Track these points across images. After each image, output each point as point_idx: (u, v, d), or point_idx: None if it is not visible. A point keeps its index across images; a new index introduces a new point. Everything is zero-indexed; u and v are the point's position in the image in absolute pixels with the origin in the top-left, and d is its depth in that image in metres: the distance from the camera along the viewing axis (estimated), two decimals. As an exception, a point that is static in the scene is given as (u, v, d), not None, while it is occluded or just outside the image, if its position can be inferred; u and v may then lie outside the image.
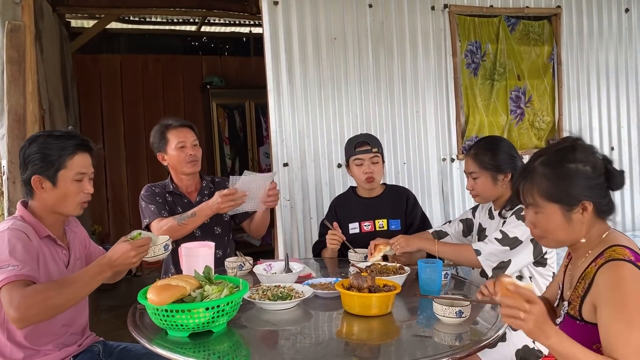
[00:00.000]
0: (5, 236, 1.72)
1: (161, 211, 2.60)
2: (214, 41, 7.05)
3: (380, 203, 2.73)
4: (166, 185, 2.74)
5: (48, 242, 1.88)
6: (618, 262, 1.36)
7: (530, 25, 3.98)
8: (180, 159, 2.66)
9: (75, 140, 1.90)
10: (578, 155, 1.45)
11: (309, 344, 1.58)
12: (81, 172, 1.88)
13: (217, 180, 2.88)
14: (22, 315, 1.57)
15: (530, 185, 1.49)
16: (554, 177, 1.45)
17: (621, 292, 1.32)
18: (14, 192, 2.90)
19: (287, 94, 3.38)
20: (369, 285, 1.80)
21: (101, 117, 6.34)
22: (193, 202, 2.70)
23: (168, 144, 2.68)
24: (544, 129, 4.03)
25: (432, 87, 3.72)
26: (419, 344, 1.62)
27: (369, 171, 2.63)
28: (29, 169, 1.85)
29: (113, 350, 2.05)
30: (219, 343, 1.60)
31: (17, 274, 1.62)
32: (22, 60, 2.98)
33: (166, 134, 2.68)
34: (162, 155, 2.71)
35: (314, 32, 3.45)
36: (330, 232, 2.60)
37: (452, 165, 3.76)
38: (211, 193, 2.69)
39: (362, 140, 2.69)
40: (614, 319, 1.32)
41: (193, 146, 2.69)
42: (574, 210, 1.44)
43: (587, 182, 1.44)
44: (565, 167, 1.45)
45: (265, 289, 1.95)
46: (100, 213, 6.16)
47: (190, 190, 2.77)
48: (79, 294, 1.69)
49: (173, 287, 1.57)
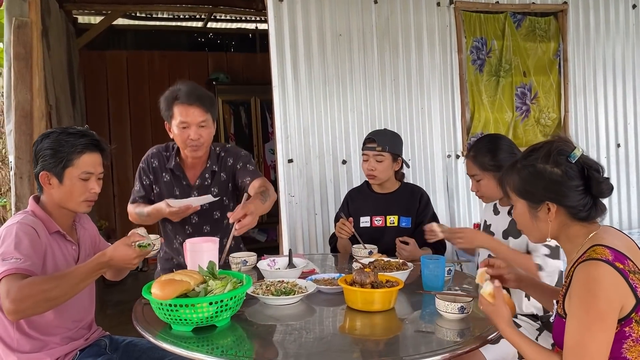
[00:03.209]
0: (13, 230, 1.75)
1: (136, 198, 2.54)
2: (219, 37, 7.06)
3: (393, 199, 2.73)
4: (169, 158, 2.52)
5: (58, 238, 1.90)
6: (593, 262, 1.37)
7: (537, 21, 3.96)
8: (182, 140, 2.40)
9: (87, 139, 1.90)
10: (550, 157, 1.46)
11: (312, 339, 1.59)
12: (88, 171, 1.89)
13: (222, 155, 2.54)
14: (16, 307, 1.59)
15: (507, 179, 1.57)
16: (523, 175, 1.51)
17: (589, 294, 1.34)
18: (22, 187, 2.93)
19: (292, 90, 3.38)
20: (371, 280, 1.81)
21: (107, 113, 6.38)
22: (192, 185, 2.51)
23: (173, 118, 2.40)
24: (549, 126, 4.02)
25: (438, 83, 3.72)
26: (422, 339, 1.63)
27: (371, 168, 2.66)
28: (39, 164, 1.88)
29: (119, 344, 2.07)
30: (222, 337, 1.61)
31: (18, 267, 1.64)
32: (29, 56, 3.01)
33: (173, 106, 2.40)
34: (168, 126, 2.47)
35: (319, 29, 3.45)
36: (340, 222, 2.58)
37: (457, 162, 3.75)
38: (213, 175, 2.51)
39: (371, 136, 2.71)
40: (575, 317, 1.36)
41: (199, 127, 2.37)
42: (538, 209, 1.49)
43: (552, 185, 1.46)
44: (534, 167, 1.49)
45: (269, 284, 1.96)
46: (106, 209, 6.20)
47: (193, 169, 2.53)
48: (75, 288, 1.68)
49: (177, 281, 1.59)
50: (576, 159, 1.45)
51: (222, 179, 2.54)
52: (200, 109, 2.36)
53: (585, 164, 1.46)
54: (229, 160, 2.54)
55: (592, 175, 1.45)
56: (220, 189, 2.53)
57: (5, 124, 3.09)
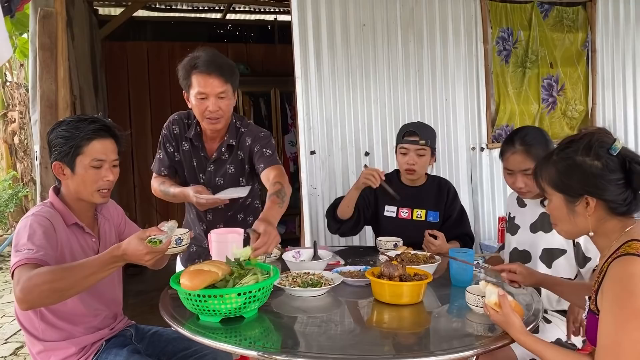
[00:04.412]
0: (28, 221, 1.73)
1: (161, 167, 2.41)
2: (238, 29, 7.05)
3: (422, 193, 2.66)
4: (190, 127, 2.39)
5: (76, 230, 1.85)
6: (629, 257, 1.32)
7: (564, 11, 3.88)
8: (200, 112, 2.24)
9: (96, 125, 1.81)
10: (591, 149, 1.41)
11: (341, 332, 1.57)
12: (98, 158, 1.80)
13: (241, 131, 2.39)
14: (25, 296, 1.54)
15: (543, 172, 1.51)
16: (561, 167, 1.46)
17: (625, 290, 1.30)
18: (46, 177, 2.95)
19: (315, 81, 3.36)
20: (400, 273, 1.78)
21: (128, 104, 6.41)
22: (209, 158, 2.39)
23: (191, 88, 2.23)
24: (576, 118, 3.94)
25: (462, 74, 3.66)
26: (452, 333, 1.60)
27: (412, 163, 2.54)
28: (52, 154, 1.83)
29: (145, 334, 2.07)
30: (250, 329, 1.60)
31: (30, 257, 1.61)
32: (54, 46, 3.01)
33: (191, 74, 2.22)
34: (186, 96, 2.30)
35: (343, 19, 3.42)
36: (369, 169, 2.41)
37: (481, 155, 3.70)
38: (230, 151, 2.38)
39: (412, 129, 2.57)
40: (609, 314, 1.31)
41: (218, 99, 2.20)
42: (577, 203, 1.44)
43: (592, 178, 1.40)
44: (572, 160, 1.43)
45: (295, 276, 1.94)
46: (127, 199, 6.24)
47: (211, 141, 2.40)
48: (87, 280, 1.58)
49: (205, 272, 1.57)
50: (617, 152, 1.40)
51: (239, 158, 2.42)
52: (220, 79, 2.19)
53: (627, 157, 1.41)
54: (247, 139, 2.38)
55: (633, 169, 1.40)
56: (236, 168, 2.42)
57: (31, 114, 3.11)
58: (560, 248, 2.14)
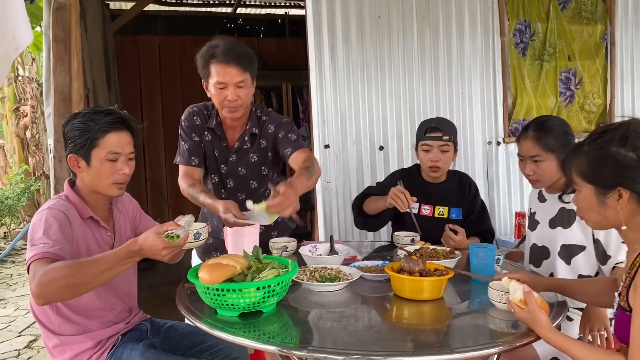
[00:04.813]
0: (43, 215, 1.71)
1: (191, 157, 2.35)
2: (249, 23, 7.02)
3: (443, 189, 2.58)
4: (210, 117, 2.38)
5: (91, 224, 1.84)
6: None
7: (583, 3, 3.81)
8: (219, 101, 2.25)
9: (112, 117, 1.79)
10: (627, 140, 1.36)
11: (361, 327, 1.54)
12: (114, 151, 1.78)
13: (263, 119, 2.38)
14: (41, 291, 1.52)
15: (573, 162, 1.46)
16: (593, 158, 1.41)
17: None
18: (60, 170, 2.94)
19: (330, 75, 3.32)
20: (420, 268, 1.74)
21: (140, 98, 6.42)
22: (231, 148, 2.38)
23: (210, 77, 2.24)
24: (594, 112, 3.87)
25: (479, 67, 3.61)
26: (475, 330, 1.57)
27: (435, 159, 2.46)
28: (67, 147, 1.81)
29: (160, 328, 2.05)
30: (268, 323, 1.57)
31: (45, 251, 1.59)
32: (68, 39, 3.00)
33: (209, 64, 2.22)
34: (205, 85, 2.31)
35: (358, 11, 3.37)
36: (397, 188, 2.30)
37: (497, 149, 3.65)
38: (253, 139, 2.37)
39: (434, 125, 2.48)
40: None
41: (237, 88, 2.21)
42: (608, 195, 1.39)
43: (627, 170, 1.36)
44: (606, 150, 1.39)
45: (313, 270, 1.92)
46: (138, 193, 6.24)
47: (232, 131, 2.39)
48: (103, 275, 1.56)
49: (224, 266, 1.55)
50: None
51: (262, 146, 2.40)
52: (239, 68, 2.19)
53: None
54: (270, 127, 2.37)
55: None
56: (259, 156, 2.40)
57: (44, 107, 3.10)
58: (579, 244, 2.09)
